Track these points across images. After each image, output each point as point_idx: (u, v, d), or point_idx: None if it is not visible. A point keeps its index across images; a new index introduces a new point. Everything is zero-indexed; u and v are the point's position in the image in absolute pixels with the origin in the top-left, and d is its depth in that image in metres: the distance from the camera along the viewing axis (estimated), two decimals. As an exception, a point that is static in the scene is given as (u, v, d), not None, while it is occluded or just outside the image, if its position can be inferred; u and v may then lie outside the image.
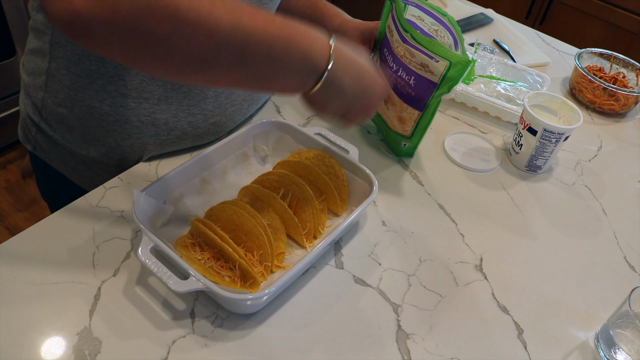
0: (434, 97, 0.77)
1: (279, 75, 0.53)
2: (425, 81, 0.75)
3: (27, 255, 0.67)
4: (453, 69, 0.72)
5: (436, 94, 0.76)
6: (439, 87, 0.75)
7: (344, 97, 0.59)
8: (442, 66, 0.72)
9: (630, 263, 0.78)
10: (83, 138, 0.79)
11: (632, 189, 0.92)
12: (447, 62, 0.71)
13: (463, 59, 0.71)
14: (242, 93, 0.84)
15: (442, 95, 0.77)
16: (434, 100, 0.77)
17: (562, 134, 0.85)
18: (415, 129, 0.82)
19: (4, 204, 1.91)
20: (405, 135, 0.84)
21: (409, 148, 0.86)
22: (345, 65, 0.56)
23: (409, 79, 0.77)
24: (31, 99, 0.81)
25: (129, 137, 0.78)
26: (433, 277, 0.72)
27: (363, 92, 0.61)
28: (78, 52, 0.71)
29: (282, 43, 0.50)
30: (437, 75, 0.74)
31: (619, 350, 0.64)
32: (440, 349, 0.64)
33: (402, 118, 0.82)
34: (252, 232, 0.67)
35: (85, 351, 0.58)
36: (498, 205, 0.84)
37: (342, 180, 0.77)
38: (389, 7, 0.79)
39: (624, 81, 1.11)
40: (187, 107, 0.77)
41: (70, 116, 0.77)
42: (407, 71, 0.76)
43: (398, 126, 0.84)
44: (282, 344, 0.62)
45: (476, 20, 1.33)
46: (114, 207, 0.74)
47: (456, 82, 0.74)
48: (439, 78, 0.74)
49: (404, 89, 0.78)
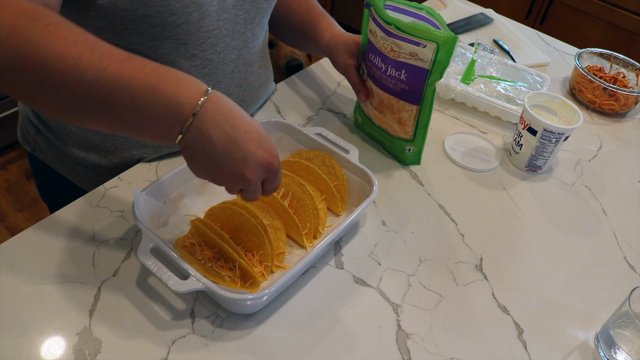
0: (429, 85, 0.77)
1: (145, 121, 0.51)
2: (417, 70, 0.76)
3: (27, 255, 0.67)
4: (441, 50, 0.72)
5: (430, 81, 0.76)
6: (431, 73, 0.75)
7: (212, 152, 0.53)
8: (430, 50, 0.73)
9: (630, 263, 0.78)
10: (81, 142, 0.79)
11: (632, 189, 0.92)
12: (435, 44, 0.72)
13: (448, 36, 0.71)
14: (239, 94, 0.84)
15: (435, 82, 0.77)
16: (429, 90, 0.78)
17: (562, 134, 0.85)
18: (416, 128, 0.82)
19: (4, 204, 1.91)
20: (407, 138, 0.84)
21: (414, 153, 0.86)
22: (218, 117, 0.53)
23: (399, 74, 0.77)
24: None
25: (126, 141, 0.78)
26: (433, 277, 0.72)
27: (235, 151, 0.53)
28: None
29: (146, 89, 0.50)
30: (427, 62, 0.74)
31: (619, 350, 0.64)
32: (440, 349, 0.64)
33: (401, 119, 0.82)
34: (252, 232, 0.67)
35: (85, 351, 0.58)
36: (498, 205, 0.84)
37: (342, 180, 0.77)
38: (368, 13, 0.79)
39: (624, 81, 1.11)
40: None
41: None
42: (397, 66, 0.76)
43: (399, 130, 0.84)
44: (282, 344, 0.62)
45: (476, 20, 1.33)
46: (114, 207, 0.74)
47: (446, 64, 0.74)
48: (429, 64, 0.74)
49: (396, 86, 0.79)
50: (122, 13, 0.64)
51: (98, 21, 0.65)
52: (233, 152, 0.53)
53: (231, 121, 0.53)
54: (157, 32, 0.68)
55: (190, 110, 0.51)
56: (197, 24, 0.70)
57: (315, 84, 1.04)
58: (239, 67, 0.82)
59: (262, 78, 0.89)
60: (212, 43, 0.75)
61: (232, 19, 0.76)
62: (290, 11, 0.92)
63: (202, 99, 0.52)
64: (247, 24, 0.79)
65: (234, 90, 0.82)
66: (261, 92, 0.91)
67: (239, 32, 0.78)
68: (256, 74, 0.87)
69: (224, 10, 0.74)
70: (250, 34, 0.81)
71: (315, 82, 1.05)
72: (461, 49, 1.13)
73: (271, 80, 0.96)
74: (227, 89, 0.81)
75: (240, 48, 0.80)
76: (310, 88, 1.03)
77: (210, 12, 0.71)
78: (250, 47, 0.82)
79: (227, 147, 0.53)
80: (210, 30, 0.73)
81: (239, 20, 0.77)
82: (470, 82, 1.06)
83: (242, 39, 0.79)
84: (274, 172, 0.57)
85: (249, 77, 0.85)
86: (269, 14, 0.84)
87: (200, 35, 0.72)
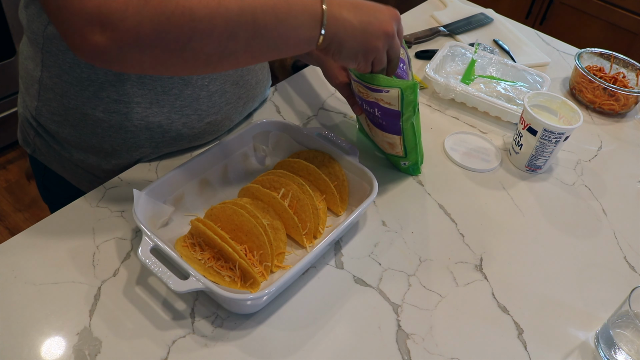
0: (404, 122, 0.75)
1: (290, 31, 0.58)
2: (388, 111, 0.74)
3: (27, 255, 0.67)
4: (406, 93, 0.71)
5: (404, 119, 0.75)
6: (403, 112, 0.74)
7: (352, 28, 0.61)
8: (395, 94, 0.71)
9: (630, 263, 0.78)
10: (79, 144, 0.79)
11: (632, 189, 0.92)
12: (397, 89, 0.71)
13: (408, 84, 0.70)
14: (236, 91, 0.84)
15: (411, 119, 0.75)
16: (406, 125, 0.76)
17: (562, 134, 0.85)
18: (405, 150, 0.81)
19: (4, 204, 1.91)
20: (400, 155, 0.83)
21: (410, 165, 0.85)
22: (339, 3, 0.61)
23: (373, 111, 0.76)
24: (28, 105, 0.81)
25: (124, 142, 0.78)
26: (433, 277, 0.72)
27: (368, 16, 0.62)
28: (69, 60, 0.71)
29: (284, 3, 0.57)
30: (395, 105, 0.73)
31: (619, 350, 0.64)
32: (440, 349, 0.64)
33: (390, 143, 0.81)
34: (252, 232, 0.67)
35: (85, 351, 0.58)
36: (498, 205, 0.84)
37: (342, 180, 0.77)
38: None
39: (624, 81, 1.11)
40: (179, 108, 0.77)
41: (65, 124, 0.77)
42: (370, 105, 0.76)
43: (390, 149, 0.83)
44: (282, 344, 0.62)
45: (476, 20, 1.33)
46: (114, 207, 0.74)
47: (416, 103, 0.73)
48: (398, 106, 0.73)
49: (375, 119, 0.78)
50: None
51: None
52: (367, 19, 0.62)
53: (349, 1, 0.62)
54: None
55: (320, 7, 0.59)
56: None
57: (316, 84, 1.04)
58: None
59: (259, 75, 0.89)
60: None
61: None
62: None
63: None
64: None
65: (230, 87, 0.82)
66: (258, 90, 0.91)
67: None
68: (253, 71, 0.87)
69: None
70: None
71: (316, 82, 1.05)
72: (461, 49, 1.13)
73: (269, 78, 0.96)
74: (223, 86, 0.80)
75: None
76: (310, 88, 1.03)
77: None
78: None
79: (362, 18, 0.62)
80: None
81: None
82: (470, 82, 1.06)
83: None
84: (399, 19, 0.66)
85: (245, 74, 0.85)
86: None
87: None
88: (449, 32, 1.27)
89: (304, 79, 1.06)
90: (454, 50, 1.13)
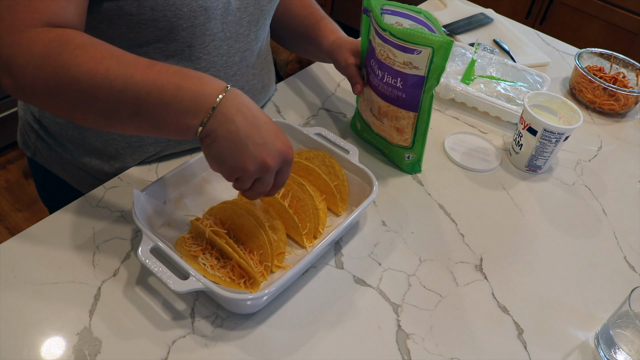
0: (425, 92, 0.76)
1: (172, 116, 0.55)
2: (412, 78, 0.75)
3: (27, 255, 0.67)
4: (437, 55, 0.72)
5: (426, 87, 0.76)
6: (428, 79, 0.75)
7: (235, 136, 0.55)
8: (425, 56, 0.72)
9: (630, 263, 0.78)
10: (83, 148, 0.79)
11: (632, 189, 0.92)
12: (430, 49, 0.71)
13: (444, 40, 0.71)
14: None
15: (433, 89, 0.76)
16: (426, 96, 0.77)
17: (562, 134, 0.85)
18: (414, 135, 0.82)
19: (4, 204, 1.91)
20: (406, 146, 0.84)
21: (414, 161, 0.86)
22: (240, 106, 0.56)
23: (395, 82, 0.77)
24: (30, 108, 0.81)
25: (128, 146, 0.78)
26: (433, 277, 0.72)
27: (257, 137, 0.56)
28: None
29: (171, 87, 0.55)
30: (422, 69, 0.74)
31: (619, 350, 0.64)
32: (440, 349, 0.64)
33: (399, 127, 0.82)
34: (252, 232, 0.67)
35: (85, 351, 0.58)
36: (498, 205, 0.84)
37: (342, 180, 0.77)
38: (367, 20, 0.79)
39: (624, 81, 1.11)
40: None
41: (68, 126, 0.77)
42: (393, 74, 0.76)
43: (397, 137, 0.83)
44: (282, 344, 0.62)
45: (476, 20, 1.33)
46: (114, 207, 0.74)
47: (442, 69, 0.74)
48: (424, 70, 0.74)
49: (393, 93, 0.78)
50: (128, 17, 0.65)
51: (103, 23, 0.65)
52: (255, 137, 0.56)
53: (252, 111, 0.57)
54: (162, 35, 0.68)
55: (214, 99, 0.55)
56: (202, 27, 0.70)
57: (315, 84, 1.04)
58: (241, 70, 0.82)
59: (264, 80, 0.89)
60: (216, 46, 0.75)
61: (236, 22, 0.76)
62: (293, 15, 0.93)
63: (224, 92, 0.56)
64: (250, 26, 0.79)
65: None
66: (263, 95, 0.91)
67: (243, 34, 0.78)
68: (258, 76, 0.87)
69: (228, 13, 0.74)
70: (254, 36, 0.81)
71: (315, 83, 1.05)
72: (461, 49, 1.13)
73: (273, 82, 0.96)
74: None
75: (244, 50, 0.80)
76: (310, 88, 1.03)
77: (215, 16, 0.71)
78: (253, 49, 0.83)
79: (250, 133, 0.56)
80: (214, 33, 0.73)
81: (242, 23, 0.77)
82: (470, 82, 1.06)
83: (245, 41, 0.79)
84: (289, 163, 0.60)
85: (251, 79, 0.85)
86: (271, 16, 0.85)
87: (205, 38, 0.72)
88: (449, 32, 1.27)
89: (304, 79, 1.06)
90: (454, 50, 1.13)
